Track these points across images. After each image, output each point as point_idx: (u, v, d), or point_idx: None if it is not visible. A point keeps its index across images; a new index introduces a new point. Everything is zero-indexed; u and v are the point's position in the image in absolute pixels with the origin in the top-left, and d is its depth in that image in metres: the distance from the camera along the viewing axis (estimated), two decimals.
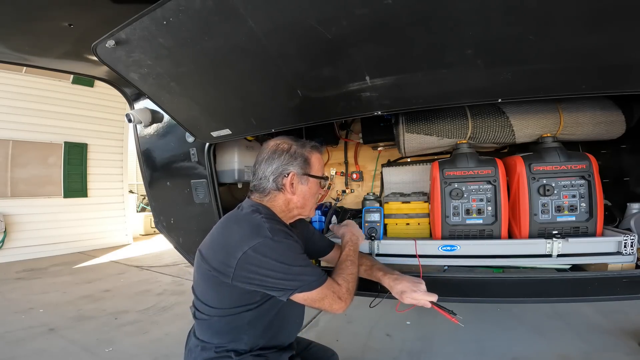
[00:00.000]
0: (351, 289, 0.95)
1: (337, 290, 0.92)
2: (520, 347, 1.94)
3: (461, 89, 1.12)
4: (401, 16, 0.85)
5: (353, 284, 0.97)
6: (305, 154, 1.02)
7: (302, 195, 1.01)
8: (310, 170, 1.02)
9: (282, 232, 0.91)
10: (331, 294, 0.90)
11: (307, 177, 1.01)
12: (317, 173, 1.04)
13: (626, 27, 0.82)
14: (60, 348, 2.20)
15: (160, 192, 2.16)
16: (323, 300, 0.89)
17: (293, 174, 0.99)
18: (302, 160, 1.01)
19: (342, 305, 0.91)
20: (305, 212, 1.05)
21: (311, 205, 1.06)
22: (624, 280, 1.16)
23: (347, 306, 0.92)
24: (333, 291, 0.91)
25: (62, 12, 1.35)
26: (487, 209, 1.35)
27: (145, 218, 7.78)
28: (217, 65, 1.14)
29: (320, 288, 0.89)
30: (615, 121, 1.38)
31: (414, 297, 1.00)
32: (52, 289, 3.60)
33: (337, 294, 0.91)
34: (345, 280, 0.96)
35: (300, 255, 0.91)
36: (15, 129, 5.42)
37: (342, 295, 0.92)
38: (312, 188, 1.03)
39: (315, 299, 0.88)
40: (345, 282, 0.95)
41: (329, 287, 0.91)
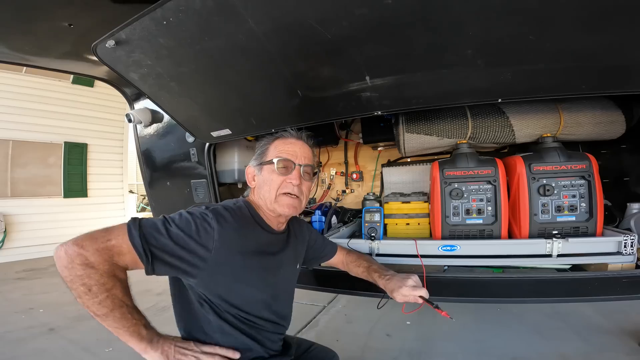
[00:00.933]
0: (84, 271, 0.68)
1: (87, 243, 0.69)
2: (520, 347, 1.94)
3: (461, 89, 1.12)
4: (401, 16, 0.85)
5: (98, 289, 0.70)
6: (265, 145, 0.99)
7: (258, 186, 0.97)
8: (264, 158, 0.97)
9: (215, 212, 0.83)
10: (101, 237, 0.71)
11: (260, 166, 0.97)
12: (270, 157, 0.95)
13: (626, 27, 0.82)
14: (60, 348, 2.20)
15: (160, 192, 2.16)
16: (100, 234, 0.71)
17: (248, 168, 1.01)
18: (261, 152, 0.99)
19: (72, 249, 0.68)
20: (266, 202, 0.94)
21: (268, 195, 0.93)
22: (624, 280, 1.15)
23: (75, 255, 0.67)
24: (105, 239, 0.70)
25: (62, 12, 1.35)
26: (487, 209, 1.35)
27: None
28: (217, 65, 1.14)
29: (120, 226, 0.73)
30: (615, 121, 1.38)
31: (402, 293, 0.97)
32: (52, 289, 3.59)
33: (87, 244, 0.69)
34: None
35: (187, 231, 0.77)
36: (15, 129, 5.42)
37: (80, 244, 0.68)
38: (265, 175, 0.95)
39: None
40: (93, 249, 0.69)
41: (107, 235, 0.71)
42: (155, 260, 0.74)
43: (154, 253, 0.74)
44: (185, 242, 0.77)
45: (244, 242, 0.87)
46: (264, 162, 0.96)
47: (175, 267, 0.77)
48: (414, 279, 1.01)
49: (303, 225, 1.16)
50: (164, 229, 0.76)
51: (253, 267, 0.89)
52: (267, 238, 0.95)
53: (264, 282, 0.92)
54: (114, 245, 0.71)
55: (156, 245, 0.74)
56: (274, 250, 0.97)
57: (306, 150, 0.99)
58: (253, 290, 0.90)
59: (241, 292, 0.88)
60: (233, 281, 0.85)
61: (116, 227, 0.74)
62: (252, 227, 0.92)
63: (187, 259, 0.77)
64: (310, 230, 1.20)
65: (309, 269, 1.47)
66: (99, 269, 0.69)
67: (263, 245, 0.93)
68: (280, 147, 0.96)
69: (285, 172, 0.93)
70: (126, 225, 0.74)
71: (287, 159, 0.94)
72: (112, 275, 0.71)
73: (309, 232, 1.18)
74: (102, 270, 0.69)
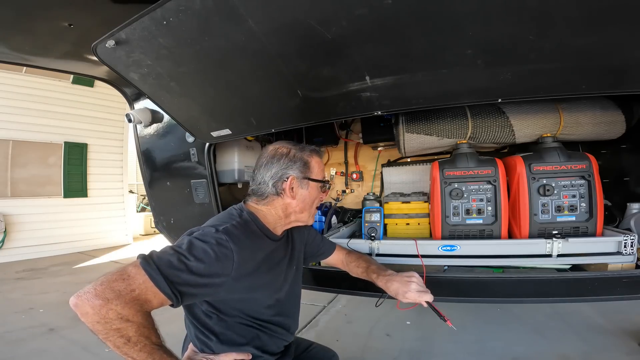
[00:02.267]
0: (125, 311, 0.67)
1: (124, 284, 0.68)
2: (520, 347, 1.94)
3: (461, 89, 1.12)
4: (401, 16, 0.85)
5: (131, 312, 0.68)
6: (304, 157, 0.98)
7: (302, 200, 0.97)
8: (311, 174, 0.98)
9: (229, 233, 0.83)
10: (124, 288, 0.68)
11: (307, 180, 0.97)
12: (318, 177, 1.00)
13: (626, 27, 0.82)
14: (60, 348, 2.20)
15: (160, 192, 2.16)
16: (122, 285, 0.68)
17: (292, 178, 0.95)
18: (301, 164, 0.97)
19: (93, 303, 0.65)
20: (303, 217, 1.00)
21: (310, 211, 1.01)
22: (624, 280, 1.15)
23: (98, 306, 0.65)
24: (129, 289, 0.68)
25: (62, 12, 1.35)
26: (487, 209, 1.35)
27: (145, 218, 7.78)
28: (217, 65, 1.14)
29: (132, 267, 0.71)
30: (615, 121, 1.39)
31: (408, 297, 0.98)
32: (52, 289, 3.59)
33: (119, 286, 0.68)
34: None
35: (206, 261, 0.76)
36: (15, 129, 5.42)
37: (108, 292, 0.66)
38: (312, 193, 0.99)
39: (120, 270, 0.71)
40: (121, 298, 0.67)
41: (132, 274, 0.70)
42: (183, 296, 0.74)
43: (181, 291, 0.73)
44: (208, 271, 0.77)
45: (256, 255, 0.89)
46: (312, 179, 0.98)
47: (200, 295, 0.81)
48: (417, 281, 1.01)
49: None
50: (183, 265, 0.75)
51: (263, 276, 0.91)
52: (273, 246, 0.98)
53: (273, 288, 0.95)
54: (139, 294, 0.69)
55: (181, 283, 0.74)
56: (279, 257, 0.99)
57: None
58: (263, 297, 0.93)
59: (252, 302, 0.91)
60: (247, 293, 0.88)
61: (133, 273, 0.70)
62: (260, 240, 0.93)
63: (210, 284, 0.79)
64: (307, 228, 1.21)
65: (309, 269, 1.47)
66: (135, 321, 0.68)
67: (270, 253, 0.95)
68: (321, 165, 1.04)
69: (324, 191, 1.03)
70: (143, 270, 0.70)
71: (328, 180, 1.04)
72: (147, 323, 0.71)
73: (306, 231, 1.19)
74: (138, 321, 0.69)
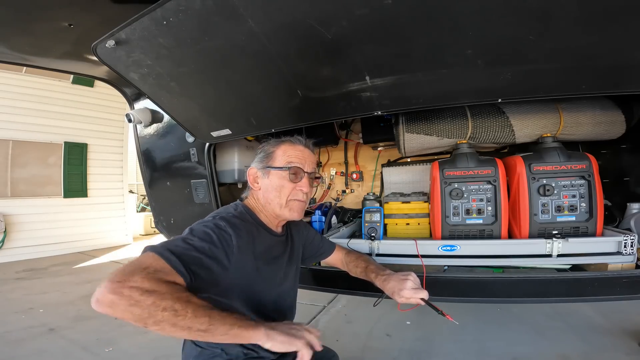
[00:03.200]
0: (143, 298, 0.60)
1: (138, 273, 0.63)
2: (520, 347, 1.94)
3: (461, 89, 1.12)
4: (401, 16, 0.85)
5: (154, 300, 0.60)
6: (270, 148, 1.00)
7: (265, 190, 0.97)
8: (272, 163, 0.97)
9: (226, 220, 0.84)
10: (137, 267, 0.65)
11: (268, 169, 0.97)
12: (279, 164, 0.97)
13: (626, 27, 0.82)
14: (60, 348, 2.20)
15: (160, 192, 2.16)
16: (134, 266, 0.65)
17: (251, 169, 1.00)
18: (263, 155, 0.99)
19: (114, 286, 0.59)
20: (273, 207, 0.96)
21: (279, 202, 0.96)
22: (624, 280, 1.15)
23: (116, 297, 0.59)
24: (142, 267, 0.65)
25: (62, 12, 1.35)
26: (487, 209, 1.35)
27: (145, 218, 7.77)
28: (217, 65, 1.14)
29: (139, 256, 0.69)
30: (615, 121, 1.39)
31: (403, 295, 0.97)
32: (52, 289, 3.59)
33: (137, 274, 0.62)
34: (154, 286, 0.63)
35: (209, 241, 0.77)
36: (15, 129, 5.41)
37: (130, 280, 0.61)
38: (274, 181, 0.96)
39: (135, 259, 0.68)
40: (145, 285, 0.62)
41: (148, 260, 0.68)
42: (194, 275, 0.71)
43: (191, 270, 0.71)
44: (212, 252, 0.76)
45: (254, 246, 0.89)
46: (272, 167, 0.97)
47: (207, 279, 0.75)
48: (413, 280, 1.00)
49: (300, 224, 1.17)
50: (188, 245, 0.75)
51: (263, 269, 0.91)
52: (272, 240, 0.98)
53: (273, 283, 0.95)
54: (155, 270, 0.65)
55: (191, 261, 0.72)
56: (278, 252, 1.00)
57: (312, 157, 1.03)
58: (263, 292, 0.92)
59: (252, 295, 0.89)
60: (247, 284, 0.87)
61: (142, 257, 0.68)
62: (258, 232, 0.94)
63: (214, 269, 0.76)
64: (307, 228, 1.22)
65: (309, 269, 1.47)
66: (164, 290, 0.61)
67: (269, 247, 0.96)
68: (289, 152, 0.98)
69: (295, 179, 0.96)
70: (154, 253, 0.69)
71: (297, 167, 0.97)
72: (179, 289, 0.65)
73: (305, 231, 1.20)
74: (168, 289, 0.62)
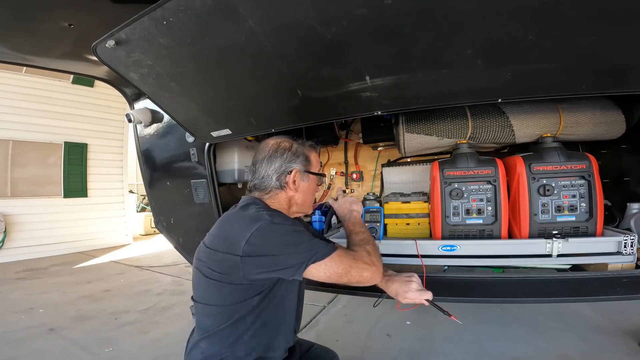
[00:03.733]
0: (372, 251, 0.93)
1: (359, 257, 0.88)
2: (520, 347, 1.94)
3: (461, 89, 1.12)
4: (401, 16, 0.85)
5: (372, 247, 0.95)
6: (305, 152, 1.06)
7: (304, 192, 1.05)
8: (311, 168, 1.05)
9: (282, 216, 0.93)
10: (354, 262, 0.86)
11: (307, 174, 1.04)
12: (316, 170, 1.08)
13: (626, 27, 0.82)
14: (60, 348, 2.19)
15: (160, 192, 2.16)
16: (349, 270, 0.85)
17: (296, 171, 1.01)
18: (303, 158, 1.04)
19: (373, 270, 0.87)
20: (304, 209, 1.08)
21: (310, 202, 1.10)
22: (624, 280, 1.16)
23: (379, 271, 0.89)
24: (354, 258, 0.87)
25: (62, 12, 1.35)
26: (487, 209, 1.35)
27: (145, 218, 7.78)
28: (217, 65, 1.14)
29: (338, 256, 0.85)
30: (615, 121, 1.38)
31: (408, 297, 1.00)
32: (52, 289, 3.59)
33: (362, 259, 0.88)
34: (361, 247, 0.95)
35: (306, 232, 0.89)
36: (15, 129, 5.41)
37: (368, 260, 0.88)
38: (312, 185, 1.07)
39: (338, 271, 0.84)
40: (362, 249, 0.93)
41: (346, 255, 0.87)
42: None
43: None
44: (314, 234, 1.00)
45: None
46: (311, 172, 1.06)
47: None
48: (416, 281, 1.03)
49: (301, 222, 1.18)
50: (314, 239, 0.88)
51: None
52: None
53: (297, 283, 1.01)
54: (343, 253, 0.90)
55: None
56: None
57: None
58: (293, 290, 1.00)
59: (286, 294, 0.96)
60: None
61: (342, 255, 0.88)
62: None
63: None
64: (306, 225, 1.23)
65: None
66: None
67: None
68: (318, 159, 1.12)
69: (320, 183, 1.13)
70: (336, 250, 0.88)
71: (325, 174, 1.06)
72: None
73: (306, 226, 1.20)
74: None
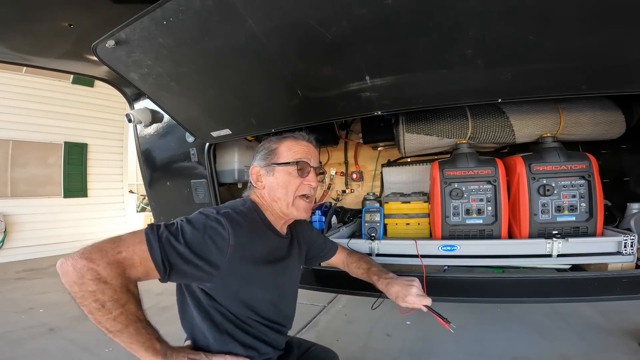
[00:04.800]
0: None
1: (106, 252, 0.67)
2: (520, 347, 1.94)
3: (461, 89, 1.12)
4: (401, 16, 0.85)
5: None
6: (271, 145, 0.96)
7: (270, 188, 0.94)
8: (277, 159, 0.94)
9: (229, 216, 0.80)
10: (112, 248, 0.67)
11: (272, 167, 0.94)
12: (285, 160, 0.94)
13: (626, 27, 0.82)
14: (60, 348, 2.20)
15: (160, 192, 2.16)
16: (111, 245, 0.68)
17: (254, 168, 0.97)
18: (265, 152, 0.96)
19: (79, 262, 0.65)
20: (280, 205, 0.93)
21: (285, 198, 0.93)
22: (624, 280, 1.15)
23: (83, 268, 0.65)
24: (116, 250, 0.67)
25: (62, 12, 1.35)
26: (487, 209, 1.35)
27: (145, 218, 7.78)
28: (217, 65, 1.14)
29: (129, 233, 0.70)
30: (615, 121, 1.38)
31: (408, 301, 0.98)
32: (52, 289, 3.59)
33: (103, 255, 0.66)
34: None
35: (201, 237, 0.74)
36: (15, 129, 5.42)
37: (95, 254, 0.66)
38: (280, 178, 0.93)
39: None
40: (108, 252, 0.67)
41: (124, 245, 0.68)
42: (172, 270, 0.71)
43: (171, 263, 0.70)
44: (201, 249, 0.74)
45: (256, 247, 0.86)
46: (277, 163, 0.94)
47: (190, 275, 0.75)
48: (417, 286, 1.00)
49: (304, 225, 1.16)
50: (180, 237, 0.73)
51: (263, 271, 0.89)
52: (276, 242, 0.96)
53: (273, 284, 0.93)
54: (125, 257, 0.67)
55: (173, 254, 0.71)
56: (281, 254, 0.97)
57: (316, 152, 1.01)
58: (262, 293, 0.90)
59: (250, 295, 0.87)
60: (244, 285, 0.85)
61: (126, 237, 0.69)
62: (262, 232, 0.91)
63: (202, 266, 0.75)
64: (311, 229, 1.21)
65: (309, 269, 1.47)
66: (112, 284, 0.64)
67: (273, 249, 0.93)
68: (294, 147, 0.95)
69: (302, 174, 0.94)
70: (142, 234, 0.70)
71: (304, 161, 0.94)
72: (126, 290, 0.67)
73: (309, 231, 1.18)
74: (116, 285, 0.65)
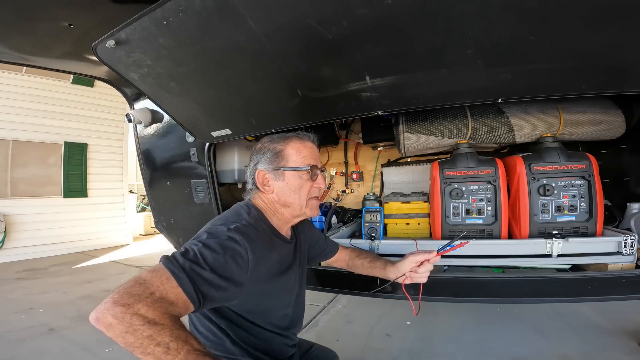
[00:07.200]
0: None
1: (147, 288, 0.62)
2: (520, 347, 1.94)
3: (461, 89, 1.12)
4: (401, 16, 0.85)
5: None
6: (276, 147, 0.92)
7: (281, 192, 0.92)
8: (285, 163, 0.91)
9: (240, 231, 0.78)
10: (144, 290, 0.61)
11: (281, 171, 0.91)
12: (296, 164, 0.92)
13: (626, 28, 0.82)
14: (60, 348, 2.20)
15: (160, 192, 2.16)
16: (141, 287, 0.62)
17: (259, 172, 0.93)
18: (270, 155, 0.92)
19: (112, 310, 0.57)
20: (293, 210, 0.93)
21: (299, 202, 0.92)
22: (624, 280, 1.16)
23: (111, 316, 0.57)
24: (149, 291, 0.61)
25: (62, 12, 1.35)
26: (487, 209, 1.35)
27: (145, 218, 7.78)
28: (217, 65, 1.14)
29: (146, 272, 0.64)
30: (615, 121, 1.38)
31: (414, 260, 1.03)
32: (52, 289, 3.59)
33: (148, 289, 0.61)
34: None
35: (223, 259, 0.72)
36: (15, 129, 5.41)
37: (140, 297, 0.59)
38: (292, 182, 0.91)
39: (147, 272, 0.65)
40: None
41: (158, 277, 0.63)
42: (205, 299, 0.68)
43: (203, 293, 0.68)
44: (224, 271, 0.72)
45: (270, 257, 0.86)
46: (286, 168, 0.92)
47: (219, 299, 0.74)
48: (419, 254, 1.04)
49: (305, 225, 1.16)
50: (203, 263, 0.70)
51: (277, 280, 0.89)
52: (285, 250, 0.95)
53: (287, 291, 0.94)
54: (161, 296, 0.62)
55: (203, 283, 0.68)
56: (290, 260, 0.98)
57: (318, 152, 1.02)
58: (278, 301, 0.91)
59: (267, 305, 0.88)
60: (262, 296, 0.85)
61: (149, 277, 0.64)
62: (272, 242, 0.90)
63: (229, 287, 0.73)
64: (312, 228, 1.20)
65: (309, 269, 1.47)
66: (166, 324, 0.59)
67: (282, 257, 0.93)
68: (303, 151, 0.94)
69: (313, 178, 0.94)
70: (165, 270, 0.65)
71: (315, 165, 0.95)
72: (180, 326, 0.61)
73: (311, 231, 1.18)
74: (169, 324, 0.59)
